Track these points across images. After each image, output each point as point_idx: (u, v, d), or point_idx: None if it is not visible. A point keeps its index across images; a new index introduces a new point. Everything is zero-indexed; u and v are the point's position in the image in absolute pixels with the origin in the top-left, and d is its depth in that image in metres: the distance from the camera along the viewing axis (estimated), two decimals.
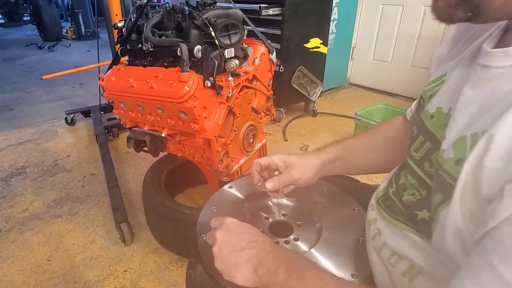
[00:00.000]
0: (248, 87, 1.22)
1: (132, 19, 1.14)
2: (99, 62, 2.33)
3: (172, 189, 1.54)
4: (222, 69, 1.10)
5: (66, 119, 2.59)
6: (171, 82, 1.00)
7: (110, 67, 1.21)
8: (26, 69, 4.27)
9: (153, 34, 1.07)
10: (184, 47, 0.99)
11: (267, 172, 0.67)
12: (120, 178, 1.79)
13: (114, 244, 1.44)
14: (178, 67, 1.01)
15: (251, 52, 1.23)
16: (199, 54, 1.00)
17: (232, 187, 0.78)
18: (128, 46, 1.16)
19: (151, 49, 1.06)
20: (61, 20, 6.25)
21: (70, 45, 5.62)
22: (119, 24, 1.18)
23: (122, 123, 1.31)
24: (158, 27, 1.11)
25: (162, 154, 1.42)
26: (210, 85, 1.03)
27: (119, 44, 1.18)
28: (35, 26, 6.23)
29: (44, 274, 1.30)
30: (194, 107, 1.00)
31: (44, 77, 2.83)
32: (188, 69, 0.99)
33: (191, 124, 1.05)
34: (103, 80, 1.19)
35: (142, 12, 1.11)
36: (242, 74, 1.16)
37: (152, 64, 1.13)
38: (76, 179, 1.91)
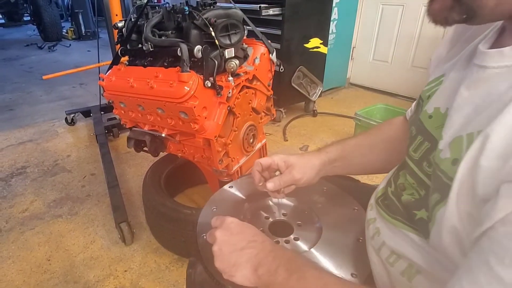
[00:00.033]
0: (248, 87, 1.22)
1: (132, 19, 1.14)
2: (99, 62, 2.33)
3: (172, 189, 1.55)
4: (222, 69, 1.10)
5: (66, 119, 2.59)
6: (171, 82, 1.00)
7: (110, 67, 1.21)
8: (26, 69, 4.27)
9: (153, 34, 1.07)
10: (184, 47, 0.99)
11: (268, 172, 0.67)
12: (120, 178, 1.80)
13: (114, 244, 1.44)
14: (178, 67, 1.01)
15: (251, 52, 1.23)
16: (199, 54, 1.00)
17: (232, 186, 0.78)
18: (128, 46, 1.16)
19: (151, 49, 1.07)
20: (61, 20, 6.25)
21: (70, 45, 5.62)
22: (119, 24, 1.18)
23: (122, 123, 1.31)
24: (158, 27, 1.11)
25: (162, 154, 1.43)
26: (210, 85, 1.03)
27: (119, 44, 1.18)
28: (35, 26, 6.24)
29: (44, 274, 1.30)
30: (194, 107, 1.00)
31: (44, 77, 2.83)
32: (188, 69, 0.99)
33: (191, 124, 1.06)
34: (103, 80, 1.19)
35: (142, 12, 1.12)
36: (242, 74, 1.16)
37: (152, 64, 1.13)
38: (76, 179, 1.91)
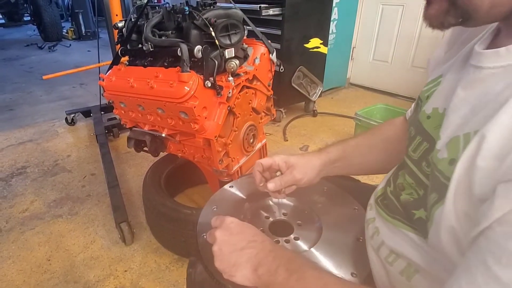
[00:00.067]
0: (248, 87, 1.22)
1: (133, 19, 1.14)
2: (99, 62, 2.33)
3: (172, 189, 1.55)
4: (222, 69, 1.10)
5: (66, 119, 2.59)
6: (171, 82, 1.00)
7: (111, 67, 1.21)
8: (26, 69, 4.27)
9: (153, 34, 1.07)
10: (184, 47, 0.99)
11: (269, 172, 0.67)
12: (120, 178, 1.80)
13: (114, 244, 1.44)
14: (178, 67, 1.01)
15: (251, 52, 1.23)
16: (199, 54, 1.00)
17: (232, 186, 0.78)
18: (128, 46, 1.16)
19: (151, 49, 1.07)
20: (61, 20, 6.25)
21: (70, 45, 5.62)
22: (120, 24, 1.18)
23: (122, 123, 1.31)
24: (158, 27, 1.11)
25: (162, 154, 1.43)
26: (210, 85, 1.03)
27: (119, 44, 1.19)
28: (35, 26, 6.24)
29: (45, 274, 1.30)
30: (194, 107, 1.00)
31: (44, 77, 2.83)
32: (188, 69, 0.99)
33: (191, 124, 1.06)
34: (103, 80, 1.19)
35: (142, 12, 1.12)
36: (242, 74, 1.16)
37: (152, 64, 1.13)
38: (76, 179, 1.91)
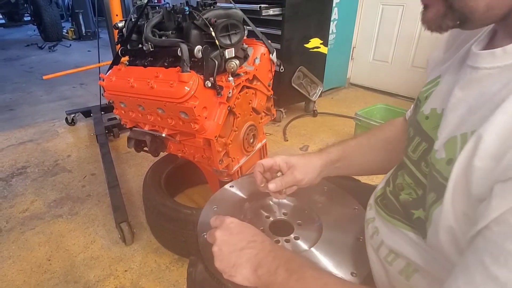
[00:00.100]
0: (249, 87, 1.22)
1: (133, 19, 1.14)
2: (99, 62, 2.33)
3: (172, 189, 1.55)
4: (223, 69, 1.10)
5: (66, 119, 2.59)
6: (172, 82, 1.00)
7: (111, 67, 1.22)
8: (26, 69, 4.27)
9: (153, 34, 1.07)
10: (184, 47, 0.99)
11: (270, 173, 0.67)
12: (120, 178, 1.80)
13: (114, 244, 1.44)
14: (178, 67, 1.02)
15: (251, 52, 1.23)
16: (200, 54, 1.00)
17: (233, 186, 0.78)
18: (128, 46, 1.16)
19: (151, 49, 1.07)
20: (61, 20, 6.25)
21: (70, 45, 5.62)
22: (120, 24, 1.18)
23: (122, 123, 1.31)
24: (159, 27, 1.11)
25: (162, 154, 1.43)
26: (210, 85, 1.03)
27: (119, 44, 1.19)
28: (35, 26, 6.24)
29: (45, 274, 1.30)
30: (195, 107, 1.00)
31: (44, 77, 2.84)
32: (188, 69, 0.99)
33: (192, 124, 1.06)
34: (103, 80, 1.19)
35: (142, 12, 1.12)
36: (242, 74, 1.16)
37: (153, 64, 1.13)
38: (76, 179, 1.91)
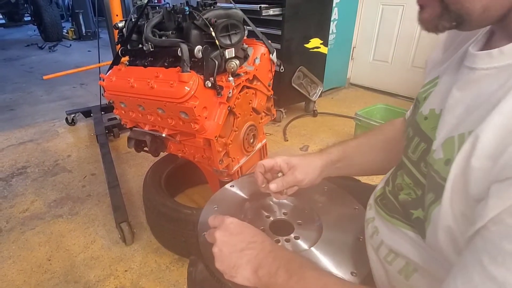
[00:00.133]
0: (249, 87, 1.22)
1: (133, 20, 1.14)
2: (99, 62, 2.33)
3: (172, 189, 1.55)
4: (223, 69, 1.10)
5: (66, 119, 2.59)
6: (172, 82, 1.00)
7: (111, 67, 1.22)
8: (26, 69, 4.27)
9: (153, 34, 1.07)
10: (184, 47, 0.99)
11: (271, 173, 0.67)
12: (120, 178, 1.80)
13: (114, 244, 1.44)
14: (178, 67, 1.02)
15: (251, 52, 1.23)
16: (200, 54, 1.00)
17: (233, 186, 0.78)
18: (128, 46, 1.16)
19: (151, 49, 1.07)
20: (61, 21, 6.25)
21: (70, 45, 5.62)
22: (120, 25, 1.19)
23: (122, 123, 1.31)
24: (159, 27, 1.11)
25: (162, 154, 1.43)
26: (210, 85, 1.03)
27: (119, 45, 1.19)
28: (35, 27, 6.24)
29: (45, 274, 1.31)
30: (195, 107, 1.00)
31: (44, 77, 2.84)
32: (188, 69, 0.99)
33: (192, 124, 1.06)
34: (103, 80, 1.19)
35: (142, 13, 1.12)
36: (242, 74, 1.16)
37: (153, 64, 1.14)
38: (76, 179, 1.91)
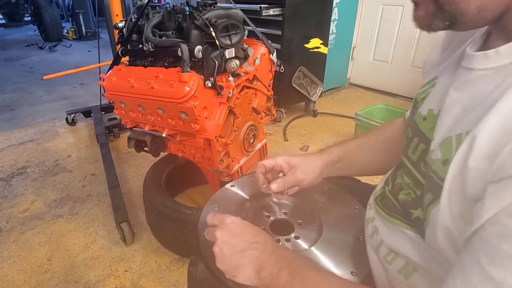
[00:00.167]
0: (249, 87, 1.22)
1: (133, 20, 1.14)
2: (100, 62, 2.33)
3: (172, 189, 1.55)
4: (223, 69, 1.10)
5: (67, 119, 2.59)
6: (172, 82, 1.00)
7: (111, 67, 1.22)
8: (27, 69, 4.27)
9: (153, 34, 1.07)
10: (184, 47, 0.99)
11: (271, 174, 0.67)
12: (120, 178, 1.80)
13: (114, 244, 1.44)
14: (178, 68, 1.02)
15: (251, 53, 1.23)
16: (200, 55, 1.00)
17: (234, 185, 0.78)
18: (128, 47, 1.16)
19: (151, 49, 1.07)
20: (62, 21, 6.25)
21: (71, 45, 5.63)
22: (120, 25, 1.19)
23: (122, 123, 1.31)
24: (159, 27, 1.11)
25: (162, 154, 1.43)
26: (210, 85, 1.03)
27: (119, 45, 1.19)
28: (36, 27, 6.24)
29: (45, 274, 1.31)
30: (195, 107, 1.00)
31: (45, 77, 2.84)
32: (188, 69, 0.99)
33: (192, 124, 1.06)
34: (104, 80, 1.19)
35: (142, 13, 1.12)
36: (242, 74, 1.16)
37: (153, 64, 1.14)
38: (77, 179, 1.91)
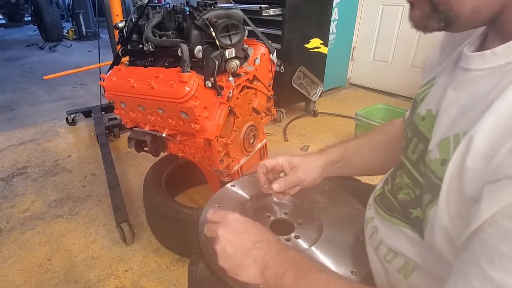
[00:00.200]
0: (249, 87, 1.22)
1: (133, 20, 1.14)
2: (100, 63, 2.34)
3: (172, 189, 1.55)
4: (223, 69, 1.10)
5: (67, 119, 2.59)
6: (172, 83, 1.00)
7: (111, 67, 1.22)
8: (27, 69, 4.28)
9: (153, 34, 1.07)
10: (184, 47, 0.99)
11: (272, 174, 0.67)
12: (121, 178, 1.80)
13: (115, 244, 1.44)
14: (179, 68, 1.02)
15: (251, 53, 1.23)
16: (200, 55, 1.00)
17: (234, 185, 0.78)
18: (129, 47, 1.16)
19: (152, 49, 1.07)
20: (62, 21, 6.26)
21: (71, 45, 5.63)
22: (120, 25, 1.19)
23: (123, 123, 1.31)
24: (159, 27, 1.11)
25: (162, 154, 1.43)
26: (210, 85, 1.04)
27: (120, 45, 1.19)
28: (36, 27, 6.24)
29: (45, 274, 1.31)
30: (195, 107, 1.00)
31: (45, 77, 2.84)
32: (188, 69, 0.99)
33: (192, 124, 1.06)
34: (104, 80, 1.19)
35: (143, 13, 1.12)
36: (242, 74, 1.16)
37: (153, 64, 1.14)
38: (77, 179, 1.91)
